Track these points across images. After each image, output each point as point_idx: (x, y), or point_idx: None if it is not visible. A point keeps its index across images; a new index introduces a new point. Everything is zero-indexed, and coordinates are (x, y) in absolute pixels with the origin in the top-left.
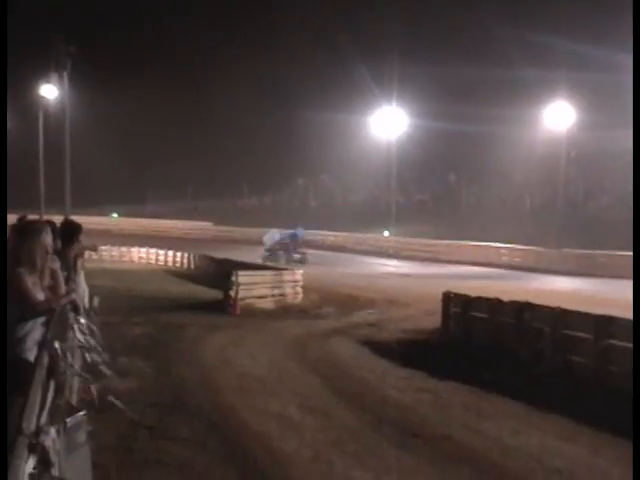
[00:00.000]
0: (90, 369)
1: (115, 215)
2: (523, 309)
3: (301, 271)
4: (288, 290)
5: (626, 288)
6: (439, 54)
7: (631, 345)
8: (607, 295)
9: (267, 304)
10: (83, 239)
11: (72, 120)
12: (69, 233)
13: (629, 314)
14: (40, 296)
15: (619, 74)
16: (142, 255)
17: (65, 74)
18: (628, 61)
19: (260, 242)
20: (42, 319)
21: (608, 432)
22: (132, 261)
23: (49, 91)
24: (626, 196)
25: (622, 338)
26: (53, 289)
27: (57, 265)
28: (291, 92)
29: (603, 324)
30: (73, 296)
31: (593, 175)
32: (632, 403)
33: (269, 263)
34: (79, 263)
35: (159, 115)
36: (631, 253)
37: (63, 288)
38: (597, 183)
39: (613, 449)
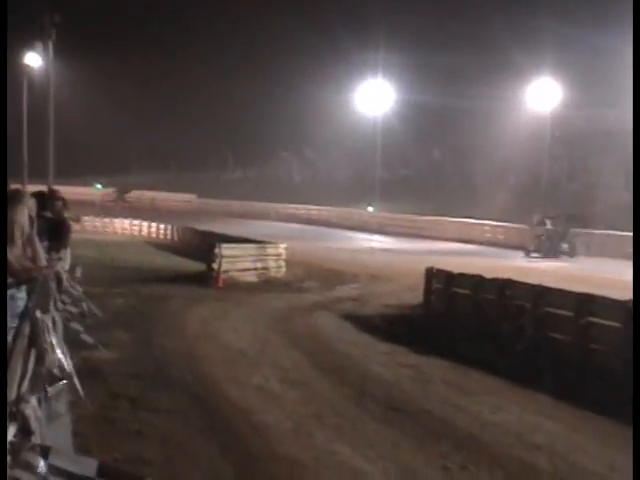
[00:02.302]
0: (72, 339)
1: (99, 186)
2: (505, 286)
3: (284, 245)
4: (271, 264)
5: (608, 266)
6: (425, 31)
7: (611, 323)
8: (589, 273)
9: (250, 277)
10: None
11: (56, 90)
12: (53, 203)
13: (609, 292)
14: (17, 265)
15: (604, 54)
16: (125, 226)
17: (50, 43)
18: (612, 41)
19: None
20: (14, 289)
21: (587, 409)
22: (115, 232)
23: (33, 60)
24: (609, 175)
25: (602, 316)
26: (33, 258)
27: (34, 233)
28: (277, 66)
29: (584, 302)
30: (57, 267)
31: (577, 154)
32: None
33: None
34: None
35: (144, 86)
36: (614, 232)
37: (43, 257)
38: (580, 162)
39: (592, 426)
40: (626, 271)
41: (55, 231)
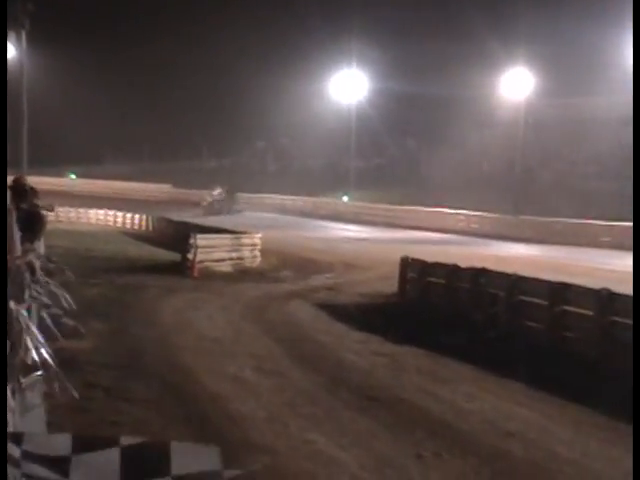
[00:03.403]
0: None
1: (73, 176)
2: (479, 275)
3: (260, 235)
4: (246, 253)
5: (581, 255)
6: (400, 20)
7: (585, 311)
8: (562, 262)
9: (225, 267)
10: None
11: (29, 80)
12: (24, 192)
13: (583, 281)
14: None
15: (578, 44)
16: (100, 217)
17: (23, 32)
18: (586, 31)
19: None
20: None
21: (560, 396)
22: (90, 222)
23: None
24: (581, 163)
25: (576, 304)
26: (8, 249)
27: (13, 224)
28: (251, 55)
29: (558, 290)
30: (30, 257)
31: (550, 142)
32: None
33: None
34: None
35: (118, 76)
36: (588, 221)
37: (18, 247)
38: (554, 150)
39: (565, 413)
40: None
41: (28, 222)
